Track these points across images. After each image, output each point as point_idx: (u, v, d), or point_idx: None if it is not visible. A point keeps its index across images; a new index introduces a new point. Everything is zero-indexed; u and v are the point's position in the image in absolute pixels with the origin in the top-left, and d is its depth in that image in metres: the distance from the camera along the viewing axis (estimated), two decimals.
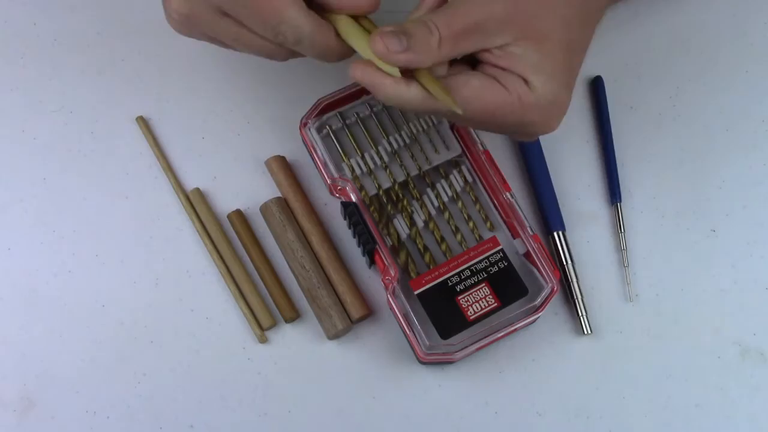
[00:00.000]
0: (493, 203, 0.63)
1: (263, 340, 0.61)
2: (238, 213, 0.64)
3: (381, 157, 0.63)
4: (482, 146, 0.62)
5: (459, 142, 0.63)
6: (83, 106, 0.66)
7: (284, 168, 0.64)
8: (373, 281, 0.63)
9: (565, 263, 0.62)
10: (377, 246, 0.59)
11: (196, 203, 0.64)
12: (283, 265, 0.63)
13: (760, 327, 0.62)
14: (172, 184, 0.64)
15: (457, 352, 0.58)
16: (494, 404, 0.61)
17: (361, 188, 0.62)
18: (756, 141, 0.66)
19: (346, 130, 0.64)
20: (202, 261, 0.63)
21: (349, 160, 0.63)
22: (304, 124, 0.63)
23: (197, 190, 0.64)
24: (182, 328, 0.62)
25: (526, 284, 0.59)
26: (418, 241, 0.62)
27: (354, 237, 0.62)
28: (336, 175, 0.62)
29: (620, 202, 0.64)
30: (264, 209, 0.63)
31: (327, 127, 0.64)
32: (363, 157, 0.63)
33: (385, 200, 0.62)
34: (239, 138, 0.66)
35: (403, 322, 0.58)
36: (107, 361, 0.61)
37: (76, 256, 0.63)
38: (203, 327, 0.62)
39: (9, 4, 0.68)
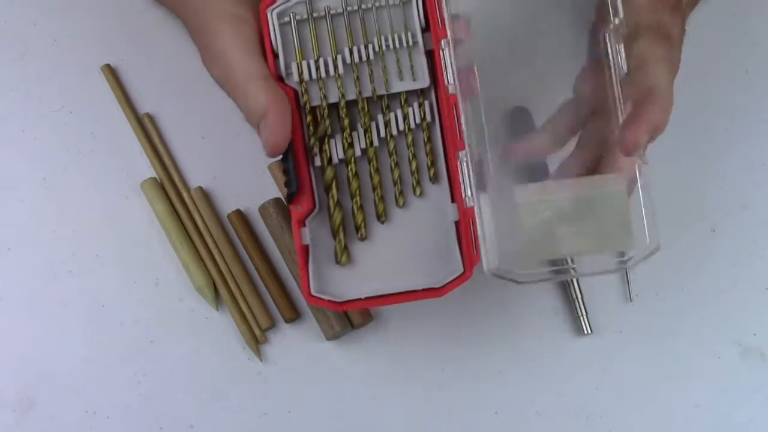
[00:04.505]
0: (446, 154, 0.57)
1: (262, 340, 0.61)
2: (238, 213, 0.64)
3: (336, 67, 0.56)
4: (454, 90, 0.54)
5: (430, 75, 0.56)
6: (83, 106, 0.66)
7: None
8: None
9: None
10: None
11: (199, 202, 0.64)
12: (283, 266, 0.63)
13: (760, 327, 0.62)
14: (176, 183, 0.64)
15: None
16: (494, 404, 0.61)
17: (305, 93, 0.56)
18: (756, 141, 0.66)
19: (310, 24, 0.56)
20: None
21: (301, 61, 0.56)
22: (268, 5, 0.56)
23: (199, 189, 0.64)
24: (182, 328, 0.62)
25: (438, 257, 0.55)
26: (350, 168, 0.56)
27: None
28: (283, 73, 0.56)
29: None
30: (262, 210, 0.63)
31: (291, 14, 0.56)
32: (317, 61, 0.56)
33: (326, 114, 0.56)
34: (239, 138, 0.66)
35: None
36: (107, 361, 0.61)
37: (76, 256, 0.63)
38: (203, 327, 0.62)
39: (9, 4, 0.68)
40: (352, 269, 0.56)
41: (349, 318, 0.61)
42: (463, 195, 0.54)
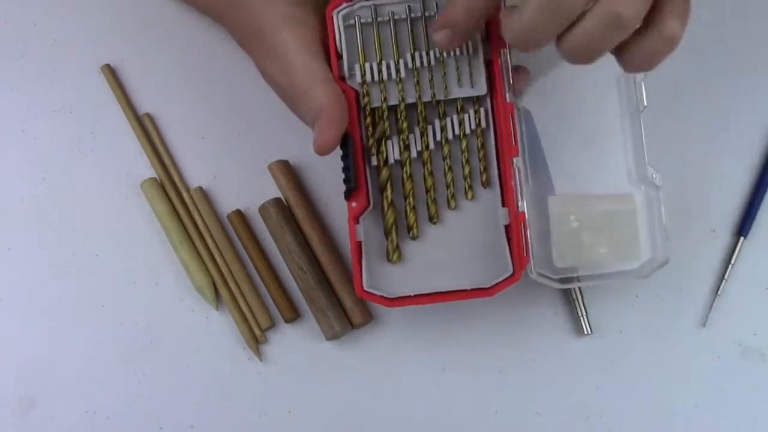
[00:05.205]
0: (498, 161, 0.58)
1: (262, 340, 0.61)
2: (238, 213, 0.64)
3: (398, 70, 0.58)
4: (511, 98, 0.57)
5: (488, 83, 0.58)
6: (83, 106, 0.66)
7: (286, 172, 0.64)
8: None
9: None
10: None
11: (199, 202, 0.64)
12: (283, 266, 0.63)
13: (760, 327, 0.62)
14: (175, 183, 0.64)
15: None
16: (494, 404, 0.61)
17: (367, 95, 0.57)
18: (756, 141, 0.66)
19: (374, 28, 0.58)
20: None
21: (364, 63, 0.57)
22: (335, 6, 0.57)
23: (199, 189, 0.64)
24: (182, 328, 0.62)
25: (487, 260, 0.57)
26: (405, 170, 0.58)
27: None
28: (346, 74, 0.57)
29: None
30: (262, 210, 0.63)
31: (356, 17, 0.57)
32: (380, 64, 0.57)
33: (385, 116, 0.58)
34: (239, 138, 0.66)
35: None
36: (107, 361, 0.61)
37: (76, 256, 0.63)
38: (203, 327, 0.62)
39: (9, 4, 0.68)
40: (402, 267, 0.58)
41: (349, 318, 0.61)
42: (517, 199, 0.56)
